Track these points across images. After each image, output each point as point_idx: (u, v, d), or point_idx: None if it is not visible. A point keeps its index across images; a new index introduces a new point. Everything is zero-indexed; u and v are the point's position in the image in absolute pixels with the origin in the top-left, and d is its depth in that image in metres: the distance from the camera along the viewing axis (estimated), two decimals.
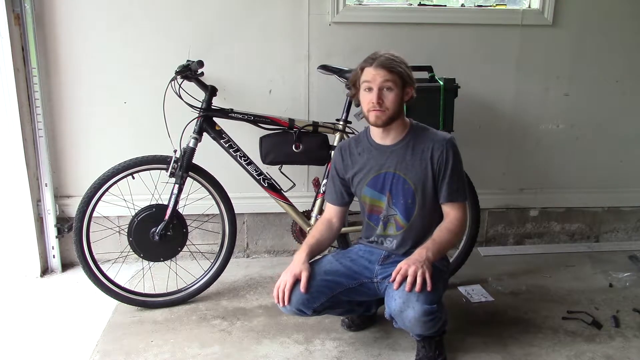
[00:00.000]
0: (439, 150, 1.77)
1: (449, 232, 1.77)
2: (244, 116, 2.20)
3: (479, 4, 2.67)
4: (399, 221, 1.84)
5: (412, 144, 1.80)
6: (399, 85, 1.72)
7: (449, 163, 1.77)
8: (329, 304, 1.80)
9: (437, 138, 1.80)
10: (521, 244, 2.93)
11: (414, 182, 1.79)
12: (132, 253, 2.18)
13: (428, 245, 1.72)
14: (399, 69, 1.70)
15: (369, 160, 1.85)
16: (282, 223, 2.72)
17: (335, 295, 1.80)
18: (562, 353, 1.92)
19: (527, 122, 2.76)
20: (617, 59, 2.71)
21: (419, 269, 1.62)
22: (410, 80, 1.75)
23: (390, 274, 1.72)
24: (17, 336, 2.02)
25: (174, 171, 2.12)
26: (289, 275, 1.74)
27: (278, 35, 2.50)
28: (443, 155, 1.77)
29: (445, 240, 1.75)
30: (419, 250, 1.70)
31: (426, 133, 1.82)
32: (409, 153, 1.79)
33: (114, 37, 2.41)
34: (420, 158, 1.78)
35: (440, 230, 1.78)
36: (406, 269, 1.64)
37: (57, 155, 2.52)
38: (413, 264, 1.64)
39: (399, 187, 1.81)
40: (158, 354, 1.90)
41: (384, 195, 1.83)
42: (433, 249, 1.70)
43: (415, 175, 1.79)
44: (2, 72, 2.29)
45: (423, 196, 1.81)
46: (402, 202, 1.82)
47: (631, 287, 2.42)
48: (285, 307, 1.76)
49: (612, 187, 2.90)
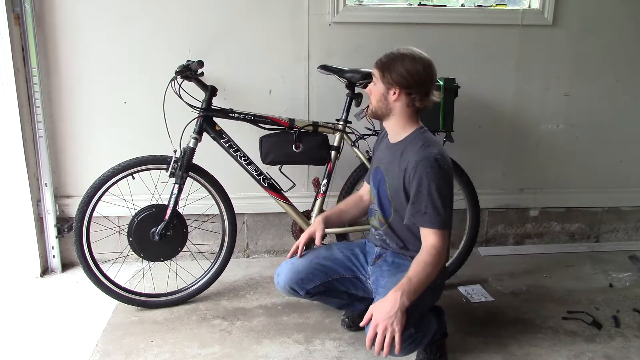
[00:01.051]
0: (410, 166, 1.67)
1: (425, 265, 1.60)
2: (244, 116, 2.20)
3: (479, 4, 2.67)
4: (380, 218, 1.86)
5: (403, 150, 1.74)
6: (379, 80, 1.72)
7: (413, 183, 1.66)
8: (324, 289, 1.83)
9: (417, 154, 1.67)
10: (521, 244, 2.94)
11: (390, 187, 1.78)
12: (132, 253, 2.18)
13: (404, 287, 1.55)
14: (385, 66, 1.70)
15: (379, 151, 1.88)
16: (282, 223, 2.72)
17: (330, 282, 1.83)
18: (562, 353, 1.92)
19: (527, 122, 2.76)
20: (617, 59, 2.72)
21: (388, 328, 1.50)
22: (399, 80, 1.66)
23: (377, 278, 1.76)
24: (17, 336, 2.02)
25: (174, 171, 2.12)
26: (305, 234, 1.87)
27: (278, 35, 2.50)
28: (412, 173, 1.66)
29: (422, 277, 1.59)
30: (392, 294, 1.54)
31: (417, 145, 1.70)
32: (397, 158, 1.75)
33: (114, 37, 2.41)
34: (399, 168, 1.72)
35: (416, 263, 1.62)
36: (375, 325, 1.52)
37: (57, 155, 2.52)
38: (383, 320, 1.50)
39: (382, 187, 1.82)
40: (158, 354, 1.90)
41: (375, 188, 1.85)
42: (409, 290, 1.55)
43: (392, 181, 1.76)
44: (2, 72, 2.29)
45: (397, 204, 1.77)
46: (383, 201, 1.83)
47: (631, 287, 2.42)
48: (279, 284, 1.83)
49: (612, 187, 2.90)
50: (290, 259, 1.88)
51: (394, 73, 1.68)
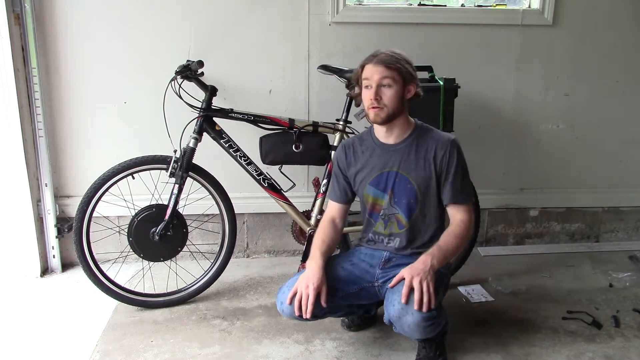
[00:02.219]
0: (442, 150, 1.76)
1: (455, 237, 1.73)
2: (244, 116, 2.20)
3: (479, 4, 2.67)
4: (400, 220, 1.83)
5: (416, 143, 1.78)
6: (398, 82, 1.70)
7: (452, 164, 1.76)
8: (329, 309, 1.77)
9: (441, 138, 1.78)
10: (521, 244, 2.93)
11: (417, 181, 1.78)
12: (132, 253, 2.18)
13: (434, 252, 1.68)
14: (397, 65, 1.69)
15: (372, 159, 1.84)
16: (282, 223, 2.72)
17: (335, 301, 1.78)
18: (562, 353, 1.92)
19: (527, 122, 2.76)
20: (617, 59, 2.71)
21: (423, 281, 1.59)
22: (411, 77, 1.72)
23: (391, 278, 1.72)
24: (17, 336, 2.02)
25: (174, 171, 2.12)
26: (312, 289, 1.67)
27: (278, 35, 2.50)
28: (446, 155, 1.76)
29: (451, 246, 1.72)
30: (424, 257, 1.66)
31: (431, 133, 1.80)
32: (413, 152, 1.78)
33: (114, 37, 2.42)
34: (423, 158, 1.77)
35: (447, 234, 1.75)
36: (410, 279, 1.60)
37: (57, 155, 2.52)
38: (417, 274, 1.61)
39: (402, 186, 1.80)
40: (158, 354, 1.90)
41: (386, 194, 1.83)
42: (439, 256, 1.67)
43: (418, 175, 1.78)
44: (2, 72, 2.29)
45: (425, 196, 1.80)
46: (405, 201, 1.81)
47: (631, 287, 2.42)
48: (284, 312, 1.75)
49: (612, 187, 2.90)
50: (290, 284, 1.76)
51: (405, 72, 1.70)
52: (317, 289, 1.68)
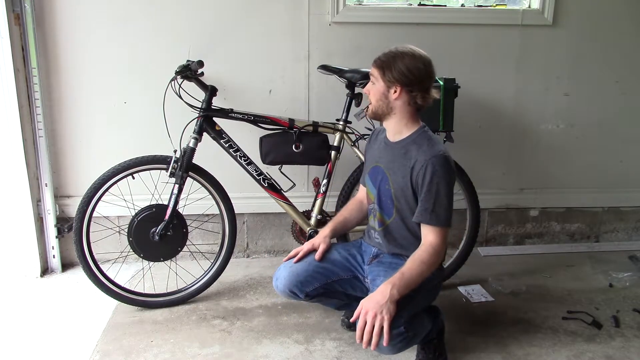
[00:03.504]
0: (420, 165, 1.66)
1: (421, 263, 1.62)
2: (244, 116, 2.20)
3: (479, 4, 2.67)
4: (382, 218, 1.84)
5: (407, 149, 1.73)
6: (379, 80, 1.70)
7: (425, 182, 1.65)
8: (323, 291, 1.82)
9: (425, 153, 1.67)
10: (521, 244, 2.94)
11: (394, 186, 1.76)
12: (132, 253, 2.18)
13: (395, 280, 1.57)
14: (381, 64, 1.69)
15: (377, 151, 1.86)
16: (282, 223, 2.72)
17: (330, 284, 1.82)
18: (562, 353, 1.92)
19: (527, 122, 2.76)
20: (617, 59, 2.72)
21: (377, 316, 1.51)
22: (401, 78, 1.65)
23: (374, 277, 1.74)
24: (17, 336, 2.02)
25: (174, 171, 2.12)
26: (308, 244, 1.86)
27: (278, 35, 2.50)
28: (421, 171, 1.66)
29: (415, 274, 1.60)
30: (383, 286, 1.56)
31: (423, 143, 1.70)
32: (400, 157, 1.74)
33: (114, 37, 2.41)
34: (404, 166, 1.72)
35: (412, 260, 1.64)
36: (365, 314, 1.54)
37: (57, 155, 2.52)
38: (373, 308, 1.53)
39: (384, 186, 1.80)
40: (158, 354, 1.90)
41: (375, 188, 1.84)
42: (399, 285, 1.56)
43: (396, 180, 1.75)
44: (2, 72, 2.29)
45: (400, 202, 1.76)
46: (384, 200, 1.81)
47: (631, 287, 2.42)
48: (278, 288, 1.81)
49: (612, 187, 2.90)
50: (288, 263, 1.85)
51: (394, 71, 1.67)
52: (312, 245, 1.84)
